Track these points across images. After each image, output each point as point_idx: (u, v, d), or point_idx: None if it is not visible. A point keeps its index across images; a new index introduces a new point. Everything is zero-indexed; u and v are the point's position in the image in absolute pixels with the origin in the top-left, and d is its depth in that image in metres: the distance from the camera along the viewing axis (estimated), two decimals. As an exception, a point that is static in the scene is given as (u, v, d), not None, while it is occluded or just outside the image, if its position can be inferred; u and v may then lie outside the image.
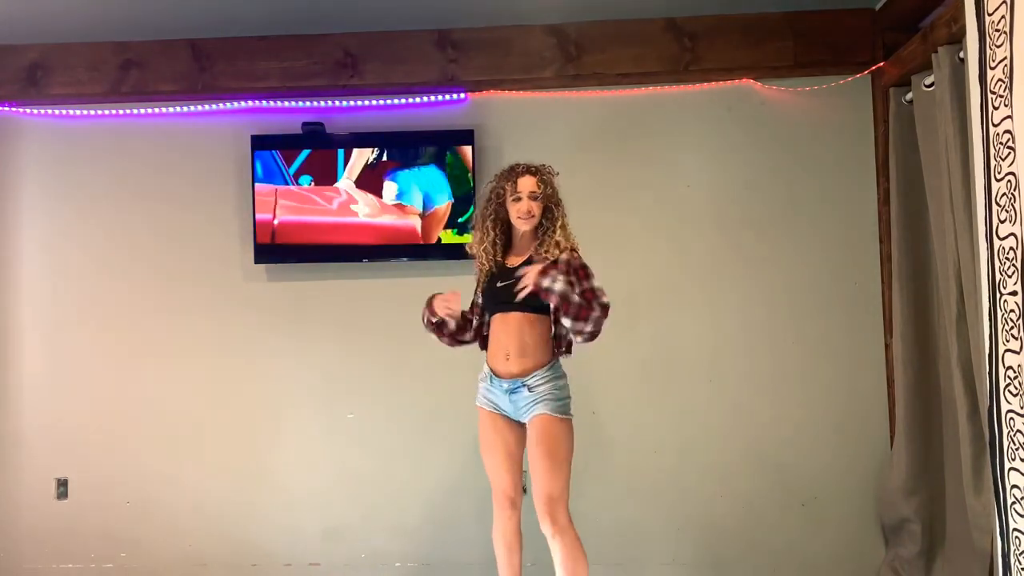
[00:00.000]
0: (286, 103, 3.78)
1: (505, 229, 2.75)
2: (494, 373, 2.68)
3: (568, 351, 2.72)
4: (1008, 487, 2.23)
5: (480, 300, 2.80)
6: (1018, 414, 2.17)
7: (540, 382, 2.61)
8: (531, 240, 2.72)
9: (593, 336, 2.57)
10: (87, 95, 3.77)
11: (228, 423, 3.76)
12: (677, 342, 3.68)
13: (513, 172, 2.69)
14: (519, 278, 2.57)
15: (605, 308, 2.55)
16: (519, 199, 2.65)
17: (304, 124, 3.70)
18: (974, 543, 2.97)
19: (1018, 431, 2.18)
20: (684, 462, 3.66)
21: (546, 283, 2.50)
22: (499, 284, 2.66)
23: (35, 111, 3.84)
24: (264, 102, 3.78)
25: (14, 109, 3.83)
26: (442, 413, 3.69)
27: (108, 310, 3.80)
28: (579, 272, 2.61)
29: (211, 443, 3.75)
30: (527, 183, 2.65)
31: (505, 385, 2.65)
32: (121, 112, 3.84)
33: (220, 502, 3.74)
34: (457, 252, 3.66)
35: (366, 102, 3.77)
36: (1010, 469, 2.22)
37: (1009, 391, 2.21)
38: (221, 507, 3.74)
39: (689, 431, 3.65)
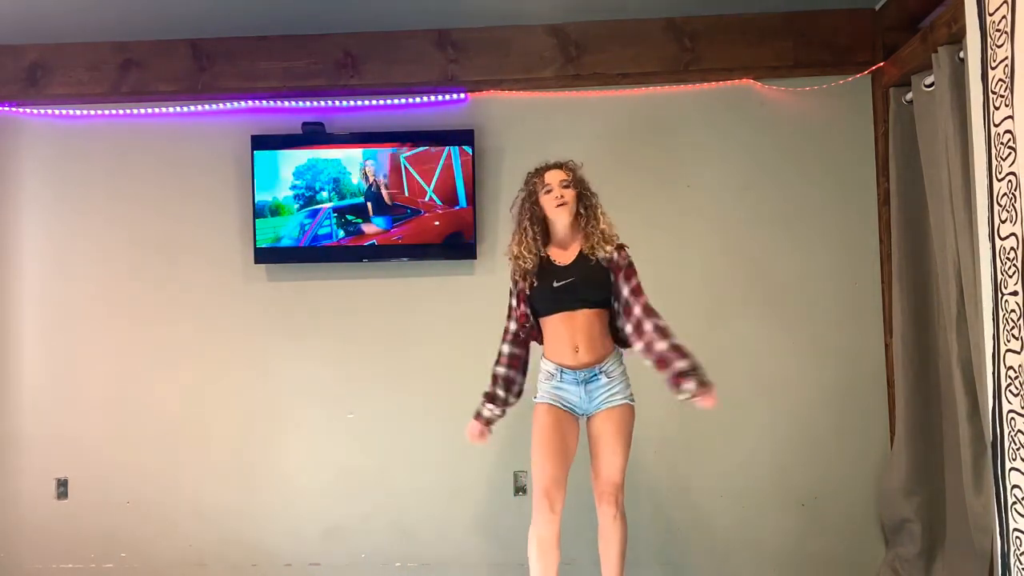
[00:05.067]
0: (286, 103, 3.77)
1: (543, 228, 2.81)
2: (564, 367, 2.73)
3: (627, 343, 2.80)
4: (1009, 487, 2.23)
5: (532, 302, 2.80)
6: (1019, 414, 2.17)
7: (614, 368, 2.76)
8: (573, 232, 2.80)
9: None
10: (87, 95, 3.77)
11: (228, 423, 3.75)
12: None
13: (539, 170, 2.82)
14: (577, 278, 2.70)
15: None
16: (550, 190, 2.75)
17: (304, 124, 3.70)
18: (974, 543, 2.97)
19: (1019, 431, 2.18)
20: (684, 461, 3.66)
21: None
22: (556, 284, 2.72)
23: (35, 111, 3.84)
24: (264, 102, 3.77)
25: (14, 109, 3.83)
26: (442, 413, 3.68)
27: (108, 310, 3.79)
28: (627, 271, 2.75)
29: (211, 443, 3.75)
30: (555, 175, 2.78)
31: (581, 375, 2.72)
32: (121, 112, 3.83)
33: (220, 502, 3.73)
34: (458, 252, 3.67)
35: (366, 102, 3.76)
36: (1011, 469, 2.22)
37: (1010, 391, 2.21)
38: (221, 507, 3.73)
39: (689, 431, 3.65)
